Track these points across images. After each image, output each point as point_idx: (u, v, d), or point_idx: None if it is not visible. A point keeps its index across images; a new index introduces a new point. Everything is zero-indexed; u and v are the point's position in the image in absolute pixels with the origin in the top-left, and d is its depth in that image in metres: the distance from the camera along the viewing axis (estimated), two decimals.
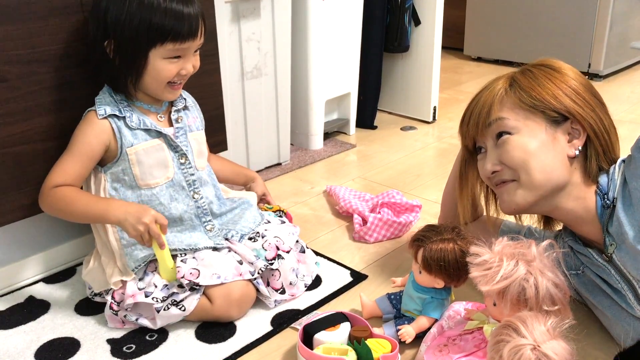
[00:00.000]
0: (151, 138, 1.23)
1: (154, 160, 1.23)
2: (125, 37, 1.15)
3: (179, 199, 1.26)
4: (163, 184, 1.24)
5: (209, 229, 1.28)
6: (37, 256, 1.39)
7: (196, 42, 1.20)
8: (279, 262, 1.25)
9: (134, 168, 1.21)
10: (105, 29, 1.16)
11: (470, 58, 3.50)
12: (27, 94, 1.23)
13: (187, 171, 1.27)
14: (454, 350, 1.02)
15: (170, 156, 1.25)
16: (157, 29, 1.14)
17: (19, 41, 1.20)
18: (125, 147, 1.20)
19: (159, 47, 1.16)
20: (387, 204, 1.60)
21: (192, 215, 1.27)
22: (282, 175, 1.96)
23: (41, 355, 1.14)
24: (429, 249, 1.08)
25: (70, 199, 1.18)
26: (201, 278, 1.17)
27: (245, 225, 1.32)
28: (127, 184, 1.22)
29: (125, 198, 1.22)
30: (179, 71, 1.20)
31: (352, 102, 2.26)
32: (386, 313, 1.21)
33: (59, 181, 1.20)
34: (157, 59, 1.17)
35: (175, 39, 1.16)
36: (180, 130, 1.28)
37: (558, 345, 0.82)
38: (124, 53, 1.17)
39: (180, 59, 1.19)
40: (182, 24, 1.15)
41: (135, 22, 1.13)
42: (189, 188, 1.27)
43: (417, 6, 2.29)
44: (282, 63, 1.90)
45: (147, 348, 1.15)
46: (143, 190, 1.23)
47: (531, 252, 0.95)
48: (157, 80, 1.20)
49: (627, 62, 3.19)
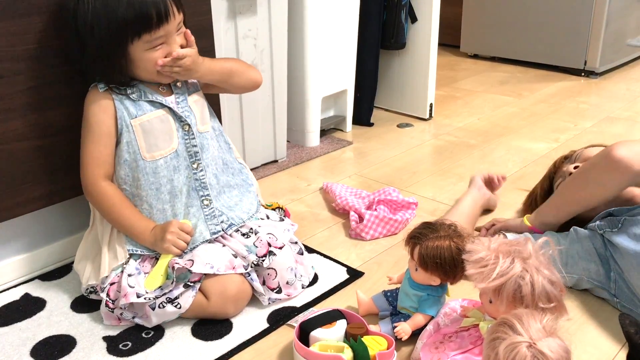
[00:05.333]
0: (155, 109, 1.22)
1: (159, 131, 1.22)
2: (97, 40, 1.14)
3: (181, 171, 1.25)
4: (167, 155, 1.23)
5: (206, 204, 1.27)
6: (33, 253, 1.38)
7: (172, 24, 1.16)
8: (270, 259, 1.25)
9: (140, 140, 1.21)
10: (77, 36, 1.15)
11: (467, 55, 3.50)
12: (22, 91, 1.23)
13: (190, 142, 1.25)
14: (450, 347, 1.02)
15: (175, 126, 1.24)
16: (126, 24, 1.12)
17: (14, 38, 1.19)
18: (129, 119, 1.20)
19: (136, 41, 1.14)
20: (384, 201, 1.60)
21: (189, 188, 1.26)
22: (278, 172, 1.96)
23: (37, 353, 1.14)
24: (425, 246, 1.08)
25: (112, 204, 1.22)
26: (195, 266, 1.17)
27: (238, 214, 1.31)
28: (132, 157, 1.22)
29: (130, 171, 1.22)
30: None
31: (349, 99, 2.26)
32: (382, 310, 1.21)
33: (99, 171, 1.21)
34: (139, 52, 1.16)
35: (147, 29, 1.13)
36: (180, 96, 1.27)
37: (554, 342, 0.82)
38: (104, 55, 1.16)
39: (163, 44, 1.17)
40: (149, 12, 1.12)
41: (104, 23, 1.12)
42: (189, 159, 1.26)
43: (414, 3, 2.29)
44: (279, 60, 1.89)
45: (143, 345, 1.15)
46: (148, 162, 1.22)
47: (527, 250, 0.95)
48: (147, 70, 1.19)
49: (623, 60, 3.19)
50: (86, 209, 1.33)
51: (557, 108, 2.57)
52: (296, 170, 1.98)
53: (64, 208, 1.40)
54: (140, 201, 1.24)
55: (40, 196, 1.32)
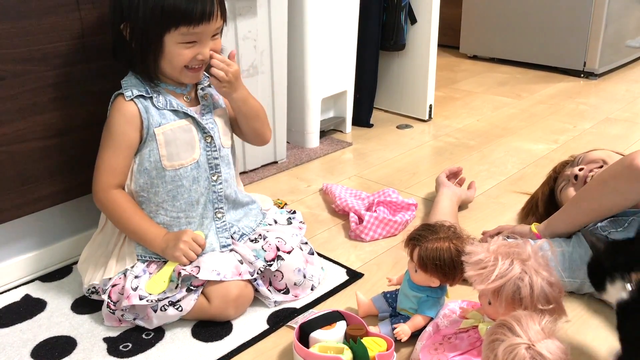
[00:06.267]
0: (179, 119, 1.22)
1: (182, 141, 1.22)
2: (139, 20, 1.13)
3: (201, 182, 1.25)
4: (188, 165, 1.23)
5: (219, 217, 1.28)
6: (33, 254, 1.39)
7: (212, 26, 1.16)
8: (279, 264, 1.25)
9: (161, 148, 1.20)
10: (121, 11, 1.15)
11: (466, 56, 3.51)
12: (23, 93, 1.23)
13: (212, 154, 1.25)
14: (449, 348, 1.02)
15: (197, 137, 1.23)
16: (170, 11, 1.11)
17: (16, 40, 1.19)
18: (152, 127, 1.19)
19: (173, 32, 1.14)
20: (383, 203, 1.61)
21: (206, 200, 1.26)
22: (278, 174, 1.97)
23: (38, 354, 1.14)
24: (425, 247, 1.08)
25: (123, 211, 1.21)
26: (201, 273, 1.17)
27: (247, 224, 1.33)
28: (152, 164, 1.21)
29: (149, 178, 1.22)
30: (195, 56, 1.18)
31: (349, 100, 2.26)
32: (382, 311, 1.21)
33: (112, 181, 1.21)
34: (172, 44, 1.15)
35: (188, 22, 1.13)
36: (206, 108, 1.27)
37: (552, 344, 0.83)
38: (139, 37, 1.15)
39: (195, 44, 1.17)
40: (194, 6, 1.12)
41: (150, 4, 1.12)
42: (210, 170, 1.26)
43: (413, 4, 2.29)
44: (279, 61, 1.89)
45: (143, 347, 1.15)
46: (167, 172, 1.22)
47: (526, 251, 0.96)
48: (172, 65, 1.18)
49: (622, 61, 3.20)
50: (88, 210, 1.33)
51: (556, 109, 2.57)
52: (296, 172, 1.99)
53: (65, 209, 1.41)
54: (156, 207, 1.24)
55: (41, 197, 1.33)
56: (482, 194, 1.78)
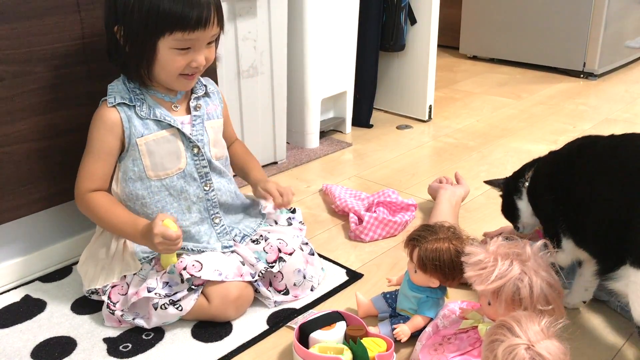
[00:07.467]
0: (162, 129, 1.21)
1: (165, 151, 1.21)
2: (134, 23, 1.12)
3: (190, 190, 1.24)
4: (174, 174, 1.22)
5: (217, 222, 1.28)
6: (33, 255, 1.39)
7: (207, 33, 1.14)
8: (280, 265, 1.25)
9: (144, 159, 1.20)
10: (115, 13, 1.14)
11: (466, 57, 3.51)
12: (22, 93, 1.23)
13: (200, 163, 1.25)
14: (449, 349, 1.02)
15: (183, 147, 1.22)
16: (165, 16, 1.10)
17: (15, 40, 1.19)
18: (135, 137, 1.19)
19: (167, 37, 1.12)
20: (383, 203, 1.61)
21: (200, 208, 1.26)
22: (278, 174, 1.97)
23: (37, 355, 1.14)
24: (425, 248, 1.08)
25: (105, 210, 1.20)
26: (203, 272, 1.16)
27: (247, 225, 1.33)
28: (137, 174, 1.21)
29: (134, 189, 1.21)
30: (189, 63, 1.16)
31: (348, 100, 2.26)
32: (382, 312, 1.21)
33: (90, 186, 1.20)
34: (165, 50, 1.14)
35: (183, 27, 1.11)
36: (197, 119, 1.25)
37: (552, 344, 0.83)
38: (133, 40, 1.14)
39: (190, 50, 1.15)
40: (190, 12, 1.10)
41: (144, 7, 1.10)
42: (200, 180, 1.25)
43: (413, 5, 2.29)
44: (279, 62, 1.90)
45: (143, 347, 1.15)
46: (153, 182, 1.21)
47: (526, 252, 0.96)
48: (166, 71, 1.17)
49: (621, 61, 3.20)
50: None
51: (556, 110, 2.57)
52: (296, 172, 1.99)
53: (64, 210, 1.41)
54: (147, 218, 1.22)
55: (41, 198, 1.33)
56: (482, 194, 1.78)
